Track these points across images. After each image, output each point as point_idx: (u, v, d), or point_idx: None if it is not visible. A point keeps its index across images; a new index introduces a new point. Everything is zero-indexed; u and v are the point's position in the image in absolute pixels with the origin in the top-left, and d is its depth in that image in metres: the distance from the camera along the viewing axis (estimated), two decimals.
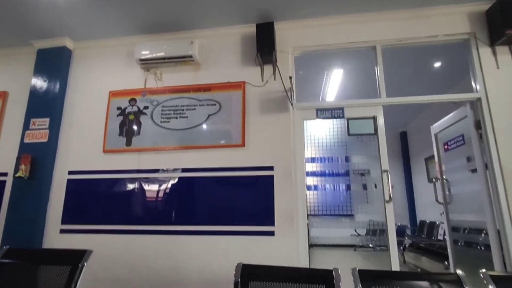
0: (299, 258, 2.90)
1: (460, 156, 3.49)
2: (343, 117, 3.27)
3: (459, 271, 1.27)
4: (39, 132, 3.46)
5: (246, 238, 2.97)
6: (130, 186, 3.30)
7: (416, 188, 7.73)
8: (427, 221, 6.45)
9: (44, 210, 3.32)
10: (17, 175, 3.26)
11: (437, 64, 4.47)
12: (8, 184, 3.43)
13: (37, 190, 3.31)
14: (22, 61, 3.82)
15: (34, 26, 3.44)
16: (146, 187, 3.27)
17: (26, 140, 3.45)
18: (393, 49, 3.37)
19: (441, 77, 4.71)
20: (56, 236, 3.27)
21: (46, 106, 3.54)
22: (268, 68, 3.33)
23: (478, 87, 3.08)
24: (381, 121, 3.18)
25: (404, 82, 4.52)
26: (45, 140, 3.44)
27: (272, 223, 2.96)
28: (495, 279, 1.26)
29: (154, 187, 3.26)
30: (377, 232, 3.55)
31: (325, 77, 4.71)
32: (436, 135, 3.95)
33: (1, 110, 3.71)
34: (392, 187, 3.02)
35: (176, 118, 3.38)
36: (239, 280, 1.33)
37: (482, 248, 3.13)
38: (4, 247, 1.55)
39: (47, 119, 3.49)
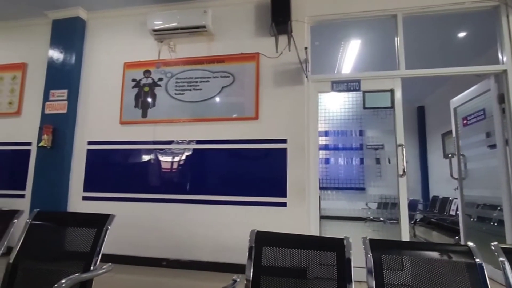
0: (310, 229, 2.99)
1: (479, 131, 3.39)
2: (359, 90, 3.19)
3: (470, 243, 1.29)
4: (59, 103, 3.56)
5: (258, 209, 3.06)
6: (146, 157, 3.40)
7: (431, 164, 7.63)
8: (440, 197, 6.43)
9: (67, 178, 3.49)
10: (40, 144, 3.41)
11: (461, 35, 4.22)
12: (33, 153, 3.60)
13: (59, 159, 3.47)
14: (39, 33, 3.85)
15: None
16: (161, 158, 3.36)
17: (47, 111, 3.56)
18: (415, 18, 3.19)
19: (464, 48, 4.46)
20: (79, 202, 3.47)
21: (64, 77, 3.61)
22: (283, 39, 3.23)
23: (504, 59, 2.92)
24: (398, 95, 3.10)
25: (424, 53, 4.31)
26: (64, 111, 3.54)
27: (284, 194, 3.03)
28: (506, 251, 1.27)
29: (169, 158, 3.35)
30: (389, 205, 3.58)
31: (341, 48, 4.55)
32: (455, 109, 3.82)
33: (22, 82, 3.81)
34: (407, 162, 3.00)
35: (190, 90, 3.39)
36: (253, 245, 1.40)
37: (495, 223, 3.12)
38: (34, 210, 1.66)
39: (65, 91, 3.57)
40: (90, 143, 3.55)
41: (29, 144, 3.67)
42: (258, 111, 3.19)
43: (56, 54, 3.66)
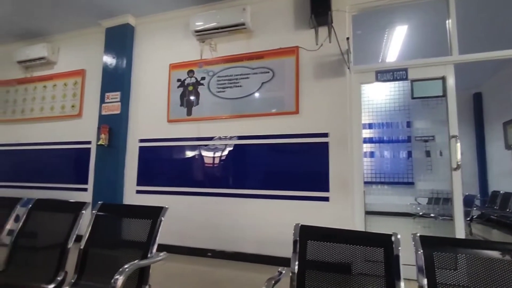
0: (354, 225, 2.92)
1: None
2: (406, 78, 3.01)
3: None
4: (113, 104, 3.88)
5: (300, 203, 3.07)
6: (192, 153, 3.58)
7: (490, 156, 6.93)
8: (501, 192, 5.83)
9: (122, 174, 3.81)
10: (99, 143, 3.76)
11: None
12: (93, 151, 3.99)
13: (115, 156, 3.80)
14: (94, 40, 4.22)
15: (101, 7, 3.73)
16: (205, 153, 3.51)
17: (103, 112, 3.91)
18: None
19: None
20: (133, 195, 3.77)
21: (117, 80, 3.92)
22: (322, 30, 3.16)
23: None
24: (451, 82, 2.87)
25: (480, 36, 3.91)
26: (118, 112, 3.85)
27: (326, 189, 3.00)
28: None
29: (213, 153, 3.48)
30: (441, 201, 3.36)
31: (385, 36, 4.31)
32: None
33: (82, 86, 4.22)
34: (461, 154, 2.78)
35: (231, 87, 3.47)
36: (298, 238, 1.42)
37: None
38: (98, 202, 1.86)
39: (118, 93, 3.88)
40: (141, 140, 3.83)
41: (89, 143, 4.06)
42: (299, 105, 3.18)
43: (109, 60, 3.99)
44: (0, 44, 4.80)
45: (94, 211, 1.79)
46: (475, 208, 5.75)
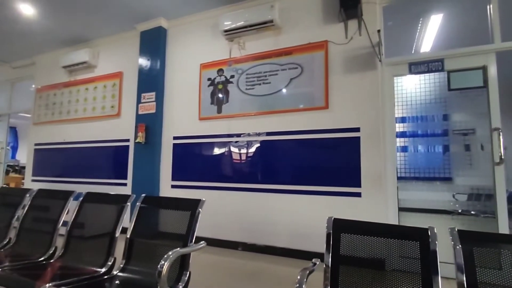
0: (387, 221, 2.87)
1: None
2: (442, 70, 2.89)
3: None
4: (149, 104, 4.10)
5: (331, 198, 3.06)
6: (223, 149, 3.69)
7: None
8: None
9: (158, 169, 4.02)
10: (137, 140, 3.99)
11: None
12: (131, 148, 4.24)
13: (151, 153, 4.01)
14: (130, 44, 4.46)
15: (136, 11, 3.94)
16: (236, 149, 3.61)
17: (140, 112, 4.13)
18: None
19: None
20: (168, 190, 3.96)
21: (152, 81, 4.13)
22: (352, 24, 3.11)
23: None
24: (493, 71, 2.71)
25: None
26: (153, 111, 4.06)
27: (358, 184, 2.96)
28: None
29: (243, 149, 3.57)
30: (482, 197, 3.19)
31: (419, 25, 4.13)
32: None
33: (120, 88, 4.49)
34: (505, 148, 2.63)
35: (260, 84, 3.53)
36: (331, 231, 1.45)
37: None
38: (142, 195, 2.00)
39: (153, 93, 4.08)
40: (175, 138, 4.01)
41: (127, 140, 4.32)
42: (328, 100, 3.16)
43: (144, 62, 4.20)
44: (47, 51, 5.22)
45: (138, 203, 1.93)
46: None
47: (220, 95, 3.75)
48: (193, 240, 1.64)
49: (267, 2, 3.44)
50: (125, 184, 4.24)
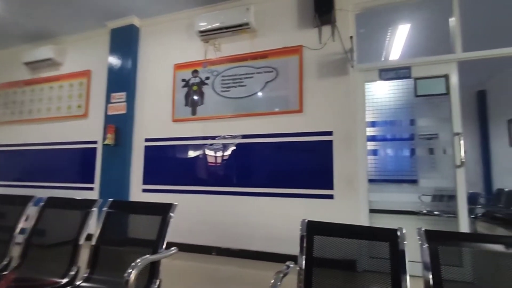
0: (359, 222, 2.94)
1: None
2: (409, 77, 3.03)
3: None
4: (119, 105, 3.93)
5: (305, 201, 3.10)
6: (197, 152, 3.61)
7: (494, 153, 6.91)
8: (506, 189, 5.82)
9: (128, 172, 3.86)
10: (105, 142, 3.81)
11: None
12: (99, 151, 4.04)
13: (121, 155, 3.85)
14: (100, 42, 4.27)
15: (106, 8, 3.78)
16: (210, 152, 3.55)
17: (109, 112, 3.96)
18: None
19: None
20: (139, 194, 3.81)
21: (122, 81, 3.97)
22: (326, 29, 3.19)
23: None
24: (454, 80, 2.88)
25: (484, 33, 3.91)
26: (124, 112, 3.90)
27: (331, 187, 3.02)
28: None
29: (218, 152, 3.52)
30: (445, 198, 3.37)
31: (388, 34, 4.32)
32: None
33: (88, 87, 4.27)
34: (465, 152, 2.79)
35: (235, 87, 3.51)
36: (305, 234, 1.45)
37: None
38: (109, 199, 1.90)
39: (124, 93, 3.93)
40: (147, 140, 3.87)
41: (95, 142, 4.12)
42: (302, 104, 3.21)
43: (114, 60, 4.04)
44: (7, 46, 4.87)
45: (104, 208, 1.82)
46: (479, 206, 5.75)
47: (195, 97, 3.68)
48: (164, 246, 1.58)
49: (243, 5, 3.44)
50: (91, 189, 4.03)
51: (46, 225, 1.92)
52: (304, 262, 1.41)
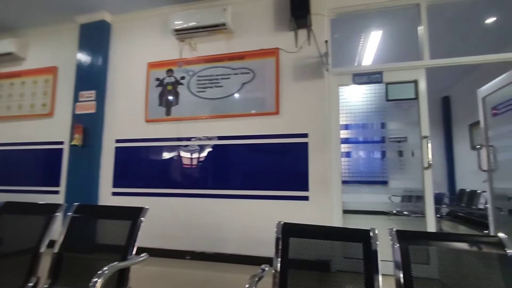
0: (333, 223, 2.99)
1: (509, 121, 3.25)
2: (381, 81, 3.14)
3: (501, 234, 1.27)
4: (88, 103, 3.74)
5: (280, 202, 3.10)
6: (171, 153, 3.51)
7: (457, 156, 7.36)
8: (467, 190, 6.20)
9: (97, 175, 3.67)
10: (72, 143, 3.60)
11: (490, 20, 4.03)
12: (65, 152, 3.82)
13: (90, 157, 3.66)
14: (68, 37, 4.04)
15: (75, 2, 3.59)
16: (185, 154, 3.47)
17: (77, 111, 3.75)
18: (439, 6, 3.09)
19: (493, 35, 4.26)
20: (109, 197, 3.64)
21: (92, 79, 3.78)
22: (302, 33, 3.23)
23: None
24: (422, 85, 3.02)
25: (449, 42, 4.15)
26: (93, 111, 3.71)
27: (306, 188, 3.05)
28: None
29: (193, 154, 3.44)
30: (413, 199, 3.51)
31: (362, 40, 4.47)
32: (483, 99, 3.67)
33: (54, 84, 4.03)
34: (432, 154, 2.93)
35: (212, 87, 3.46)
36: (280, 236, 1.44)
37: None
38: (74, 204, 1.78)
39: (94, 92, 3.74)
40: (118, 141, 3.71)
41: (61, 143, 3.88)
42: (279, 106, 3.22)
43: (84, 57, 3.84)
44: None
45: (69, 213, 1.71)
46: (444, 206, 6.07)
47: (170, 97, 3.58)
48: (134, 252, 1.50)
49: (219, 5, 3.40)
50: (57, 192, 3.79)
51: (2, 232, 1.77)
52: (279, 264, 1.40)
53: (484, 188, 4.35)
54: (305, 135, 3.12)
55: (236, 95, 3.37)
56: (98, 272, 1.23)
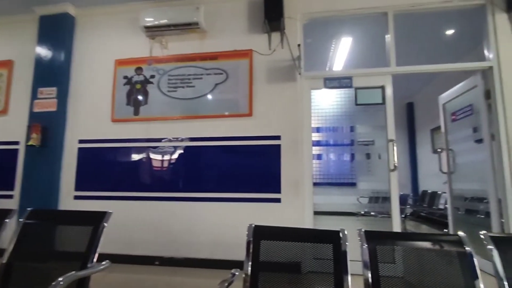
0: (304, 225, 3.02)
1: (467, 126, 3.48)
2: (351, 86, 3.24)
3: (460, 233, 1.33)
4: (48, 101, 3.49)
5: (253, 205, 3.08)
6: (140, 155, 3.37)
7: (420, 159, 7.79)
8: (429, 191, 6.58)
9: (57, 177, 3.43)
10: (29, 143, 3.33)
11: (450, 32, 4.32)
12: (21, 153, 3.53)
13: (49, 158, 3.41)
14: (26, 29, 3.76)
15: None
16: (154, 155, 3.34)
17: (35, 109, 3.49)
18: (405, 16, 3.25)
19: (453, 45, 4.56)
20: (70, 202, 3.41)
21: (53, 75, 3.54)
22: (275, 36, 3.25)
23: (491, 56, 3.00)
24: (389, 91, 3.15)
25: (414, 51, 4.39)
26: (54, 109, 3.47)
27: (278, 190, 3.06)
28: (494, 239, 1.32)
29: (163, 155, 3.33)
30: (380, 200, 3.64)
31: (333, 45, 4.59)
32: (444, 105, 3.91)
33: (8, 80, 3.71)
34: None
35: (183, 87, 3.37)
36: (251, 239, 1.42)
37: (482, 216, 3.22)
38: (28, 209, 1.64)
39: (55, 89, 3.50)
40: (81, 141, 3.50)
41: (17, 143, 3.59)
42: (252, 108, 3.20)
43: (44, 51, 3.58)
44: None
45: (21, 219, 1.56)
46: (408, 206, 6.39)
47: (138, 96, 3.44)
48: (95, 260, 1.40)
49: (192, 4, 3.33)
50: (10, 196, 3.49)
51: None
52: (250, 268, 1.37)
53: (444, 189, 4.64)
54: (277, 137, 3.13)
55: (209, 96, 3.31)
56: (53, 284, 1.13)
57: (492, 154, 2.97)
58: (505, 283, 1.23)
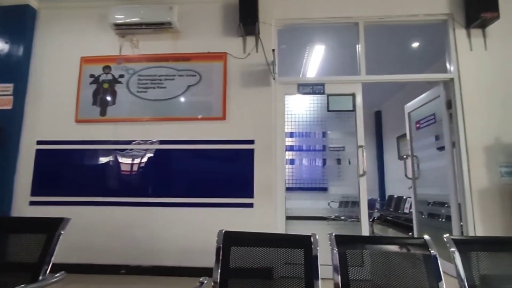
0: (276, 230, 3.01)
1: (430, 134, 3.68)
2: (323, 93, 3.30)
3: (426, 236, 1.38)
4: (2, 98, 3.22)
5: (225, 210, 3.02)
6: (105, 158, 3.19)
7: (387, 165, 8.12)
8: (395, 196, 6.86)
9: (11, 181, 3.16)
10: None
11: (416, 44, 4.57)
12: None
13: (2, 160, 3.13)
14: None
15: None
16: (122, 159, 3.18)
17: None
18: (375, 27, 3.38)
19: (418, 57, 4.83)
20: (25, 208, 3.15)
21: (9, 70, 3.28)
22: (250, 40, 3.24)
23: (452, 68, 3.20)
24: (359, 99, 3.25)
25: (383, 61, 4.59)
26: (9, 107, 3.21)
27: (251, 195, 3.02)
28: (456, 242, 1.38)
29: (131, 159, 3.18)
30: (349, 204, 3.72)
31: (306, 52, 4.68)
32: (409, 114, 4.11)
33: None
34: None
35: (154, 88, 3.25)
36: (221, 245, 1.37)
37: (443, 219, 3.39)
38: None
39: (11, 85, 3.24)
40: (40, 142, 3.25)
41: None
42: (226, 112, 3.16)
43: (0, 44, 3.31)
44: None
45: None
46: (375, 210, 6.61)
47: (106, 96, 3.27)
48: (48, 271, 1.28)
49: (165, 3, 3.25)
50: None
51: None
52: (219, 275, 1.32)
53: (409, 194, 4.85)
54: (251, 142, 3.11)
55: (181, 98, 3.22)
56: None
57: (453, 161, 3.14)
58: (466, 284, 1.28)
